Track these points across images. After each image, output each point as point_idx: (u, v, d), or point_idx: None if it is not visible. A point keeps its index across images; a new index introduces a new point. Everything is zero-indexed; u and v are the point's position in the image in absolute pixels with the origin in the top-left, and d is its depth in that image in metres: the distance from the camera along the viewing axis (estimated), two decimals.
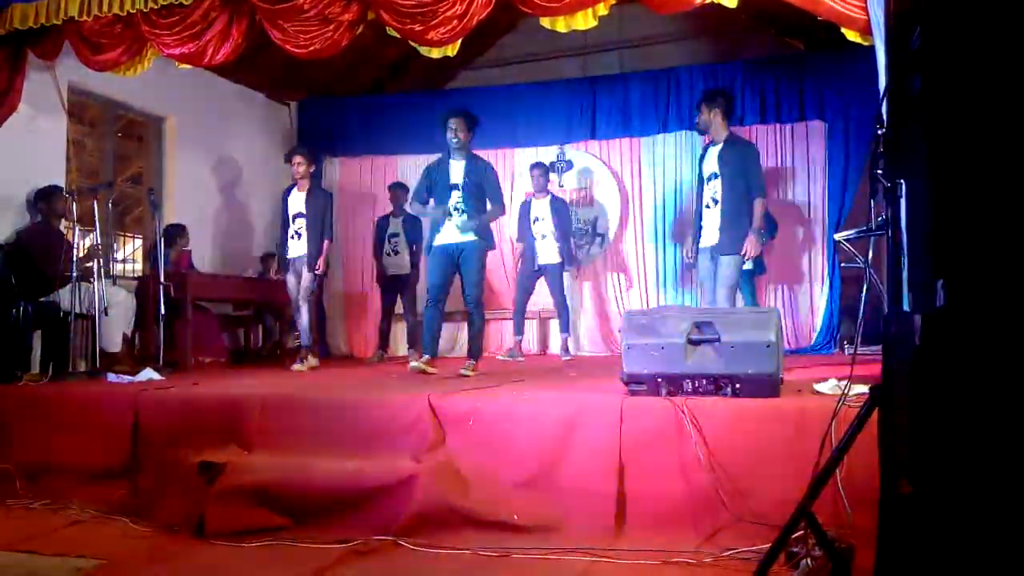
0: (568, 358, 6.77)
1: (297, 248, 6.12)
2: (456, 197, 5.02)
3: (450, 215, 5.00)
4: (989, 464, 1.51)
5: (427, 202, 5.19)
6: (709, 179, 5.05)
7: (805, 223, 7.43)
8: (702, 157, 5.22)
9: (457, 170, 5.07)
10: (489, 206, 5.15)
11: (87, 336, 5.40)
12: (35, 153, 6.00)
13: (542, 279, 7.01)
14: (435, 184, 5.12)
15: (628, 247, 7.95)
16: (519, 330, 7.04)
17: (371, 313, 8.48)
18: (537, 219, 6.95)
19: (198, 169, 7.74)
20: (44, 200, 5.73)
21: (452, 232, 5.01)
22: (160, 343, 5.55)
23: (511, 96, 8.21)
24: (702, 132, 5.15)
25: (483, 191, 5.08)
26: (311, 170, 6.30)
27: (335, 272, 8.60)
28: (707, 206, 5.04)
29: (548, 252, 6.91)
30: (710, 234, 5.03)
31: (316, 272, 6.06)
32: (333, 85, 8.65)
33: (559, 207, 7.03)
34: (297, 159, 6.24)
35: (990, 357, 1.53)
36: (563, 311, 6.95)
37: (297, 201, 6.17)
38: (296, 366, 6.00)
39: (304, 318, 6.13)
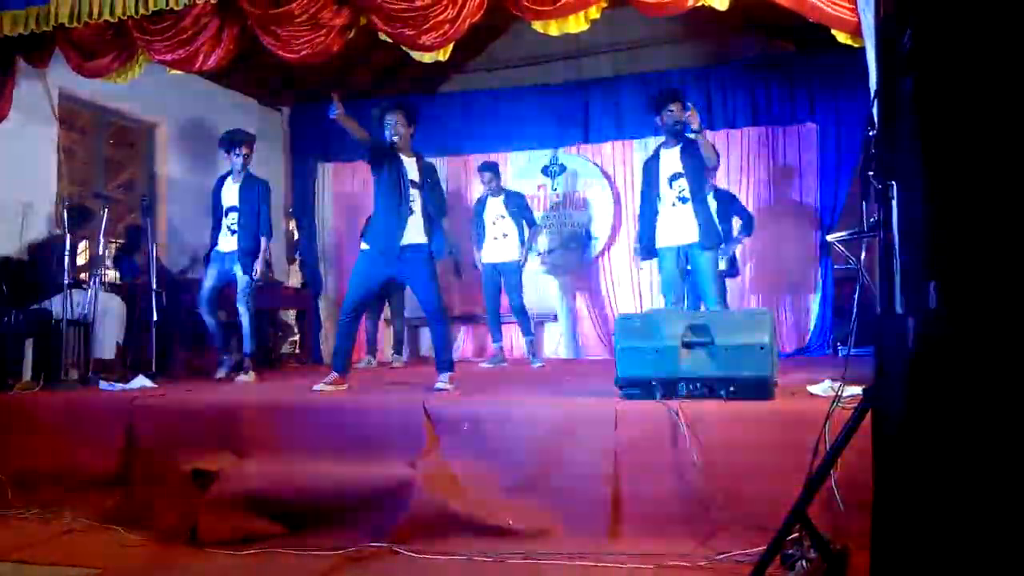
0: (539, 364, 6.55)
1: (229, 243, 5.60)
2: (416, 197, 4.57)
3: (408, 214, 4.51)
4: (983, 465, 1.51)
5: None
6: (672, 179, 5.03)
7: (797, 225, 7.44)
8: (656, 159, 5.14)
9: (412, 167, 4.62)
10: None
11: (79, 344, 5.37)
12: (26, 161, 5.97)
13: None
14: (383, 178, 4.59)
15: (621, 250, 7.95)
16: (497, 336, 6.82)
17: (364, 318, 8.46)
18: (499, 218, 6.66)
19: (190, 175, 7.71)
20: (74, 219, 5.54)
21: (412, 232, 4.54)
22: (153, 350, 5.52)
23: (503, 100, 8.20)
24: (682, 132, 4.97)
25: (435, 195, 4.69)
26: (250, 160, 5.70)
27: (328, 278, 8.59)
28: (672, 205, 5.02)
29: (506, 250, 6.62)
30: (680, 232, 4.99)
31: (253, 277, 5.52)
32: (325, 90, 8.60)
33: (518, 200, 6.81)
34: (244, 150, 5.64)
35: (983, 358, 1.53)
36: (522, 313, 6.68)
37: (231, 193, 5.64)
38: (242, 377, 5.45)
39: (246, 323, 5.56)
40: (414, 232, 4.53)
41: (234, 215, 5.60)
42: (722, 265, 6.47)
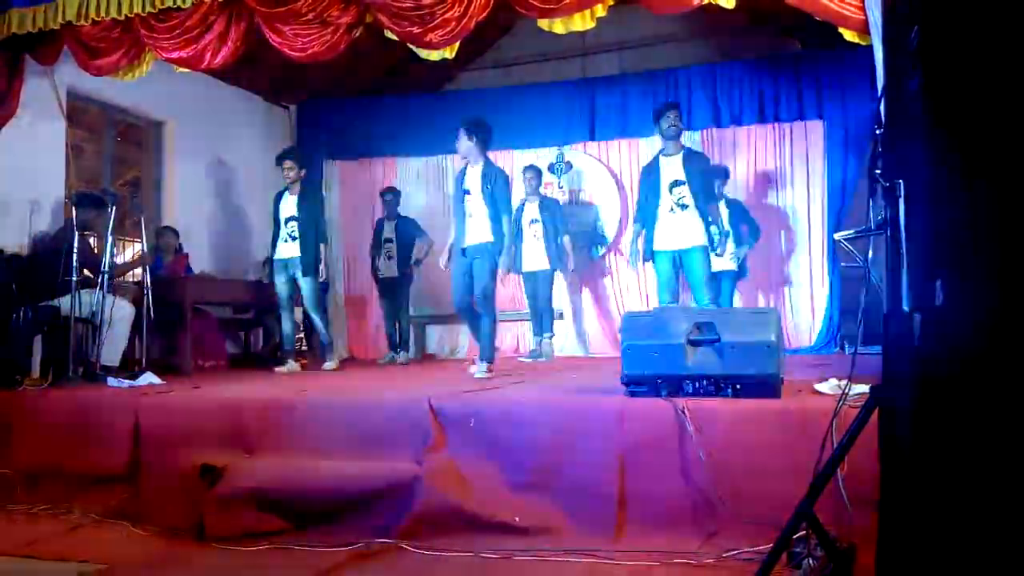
0: (546, 359, 6.74)
1: (289, 250, 6.11)
2: (472, 203, 5.01)
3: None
4: (990, 463, 1.51)
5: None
6: (672, 186, 5.32)
7: (804, 223, 7.43)
8: (655, 167, 5.44)
9: (473, 176, 5.03)
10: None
11: (88, 341, 5.38)
12: (34, 158, 5.99)
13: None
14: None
15: (627, 247, 7.91)
16: (548, 327, 6.99)
17: (371, 315, 8.49)
18: (533, 221, 6.93)
19: (197, 173, 7.74)
20: (84, 206, 5.62)
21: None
22: (157, 348, 5.54)
23: (509, 98, 8.19)
24: (674, 137, 5.39)
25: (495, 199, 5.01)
26: (302, 174, 6.26)
27: (336, 275, 8.61)
28: (671, 210, 5.32)
29: (538, 258, 6.87)
30: (676, 237, 5.30)
31: (320, 279, 6.13)
32: (332, 88, 8.64)
33: (553, 208, 7.02)
34: (287, 164, 6.21)
35: (990, 356, 1.52)
36: (547, 313, 6.93)
37: (289, 205, 6.18)
38: (327, 364, 6.24)
39: (319, 323, 6.29)
40: (475, 233, 4.97)
41: (293, 224, 6.12)
42: (733, 265, 6.56)
